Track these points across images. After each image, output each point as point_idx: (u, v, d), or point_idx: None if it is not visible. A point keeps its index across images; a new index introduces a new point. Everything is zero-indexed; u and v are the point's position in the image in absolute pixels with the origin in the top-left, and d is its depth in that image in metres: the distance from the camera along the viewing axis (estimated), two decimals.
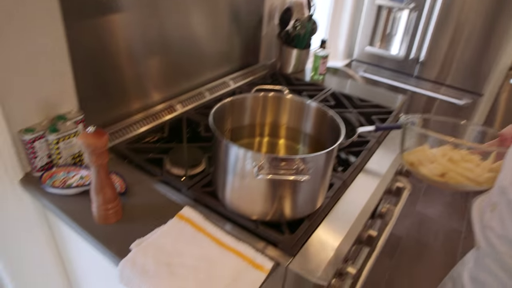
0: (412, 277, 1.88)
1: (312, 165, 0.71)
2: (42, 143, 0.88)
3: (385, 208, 1.04)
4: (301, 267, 0.72)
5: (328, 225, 0.83)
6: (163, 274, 0.67)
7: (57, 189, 0.85)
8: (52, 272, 1.12)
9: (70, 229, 0.85)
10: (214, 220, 0.81)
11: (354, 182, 0.99)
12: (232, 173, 0.75)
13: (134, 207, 0.85)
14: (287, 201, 0.75)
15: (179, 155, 1.00)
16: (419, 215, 2.30)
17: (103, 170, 0.74)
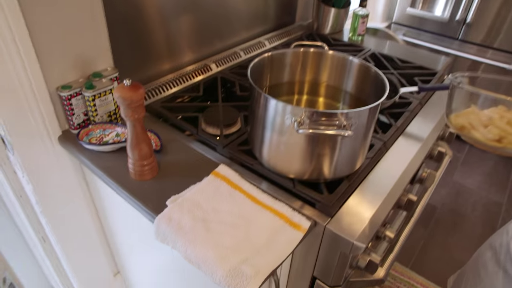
0: (446, 247, 1.84)
1: (355, 121, 0.67)
2: (78, 100, 0.88)
3: (426, 173, 0.99)
4: (339, 228, 0.70)
5: (367, 187, 0.80)
6: (199, 230, 0.67)
7: (94, 145, 0.86)
8: (90, 229, 1.16)
9: (106, 186, 0.86)
10: (250, 179, 0.80)
11: (394, 145, 0.94)
12: (270, 129, 0.72)
13: (169, 165, 0.84)
14: (326, 159, 0.72)
15: (214, 114, 0.98)
16: (456, 185, 2.22)
17: (139, 124, 0.73)
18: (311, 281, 0.83)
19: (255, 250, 0.64)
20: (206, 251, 0.63)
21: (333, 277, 0.78)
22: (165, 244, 0.69)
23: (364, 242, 0.67)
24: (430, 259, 1.78)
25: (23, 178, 0.93)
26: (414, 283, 1.64)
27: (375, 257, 0.77)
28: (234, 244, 0.65)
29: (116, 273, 1.38)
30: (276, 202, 0.73)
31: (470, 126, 0.77)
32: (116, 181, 0.79)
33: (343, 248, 0.70)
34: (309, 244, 0.77)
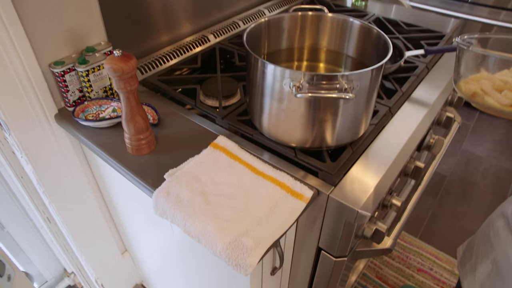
0: (455, 217, 1.81)
1: (357, 84, 0.64)
2: (72, 76, 0.86)
3: (434, 140, 0.96)
4: (343, 197, 0.67)
5: (371, 154, 0.77)
6: (198, 203, 0.65)
7: (90, 122, 0.84)
8: (94, 208, 1.15)
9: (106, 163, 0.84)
10: (250, 150, 0.78)
11: (400, 111, 0.91)
12: (269, 97, 0.69)
13: (167, 138, 0.82)
14: (328, 126, 0.69)
15: (213, 86, 0.95)
16: (465, 154, 2.18)
17: (132, 97, 0.71)
18: (317, 252, 0.82)
19: (255, 222, 0.62)
20: (205, 224, 0.61)
21: (338, 248, 0.76)
22: (164, 218, 0.67)
23: (369, 211, 0.65)
24: (439, 228, 1.76)
25: (22, 159, 0.92)
26: (423, 253, 1.63)
27: (381, 226, 0.75)
28: (233, 216, 0.63)
29: (124, 251, 1.38)
30: (277, 172, 0.71)
31: (482, 92, 0.73)
32: (113, 157, 0.78)
33: (347, 217, 0.67)
34: (313, 215, 0.75)
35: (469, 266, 1.01)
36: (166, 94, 0.97)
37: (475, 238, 1.03)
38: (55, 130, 0.92)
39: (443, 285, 1.51)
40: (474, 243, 1.01)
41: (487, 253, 0.92)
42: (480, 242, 0.97)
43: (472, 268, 0.98)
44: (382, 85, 1.04)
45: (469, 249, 1.04)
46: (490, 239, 0.92)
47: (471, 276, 0.98)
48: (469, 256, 1.02)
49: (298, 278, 0.95)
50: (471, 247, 1.03)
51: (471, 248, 1.02)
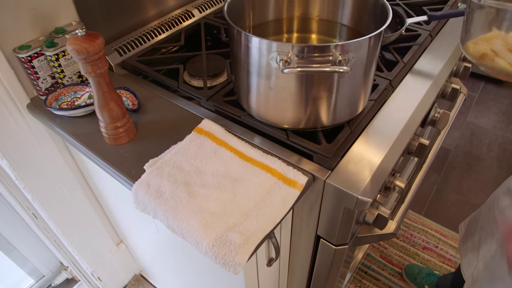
0: (461, 192, 1.76)
1: (352, 56, 0.56)
2: (42, 62, 0.78)
3: (439, 114, 0.89)
4: (341, 182, 0.61)
5: (372, 132, 0.70)
6: (181, 196, 0.58)
7: (64, 110, 0.77)
8: (82, 200, 1.10)
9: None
10: (239, 133, 0.71)
11: (401, 84, 0.83)
12: (255, 74, 0.62)
13: (148, 125, 0.75)
14: (323, 103, 0.62)
15: (198, 65, 0.88)
16: (470, 126, 2.10)
17: (103, 81, 0.63)
18: (315, 240, 0.76)
19: (244, 214, 0.56)
20: (188, 219, 0.55)
21: (338, 236, 0.70)
22: (146, 213, 0.61)
23: (370, 196, 0.59)
24: (445, 204, 1.71)
25: None
26: (428, 230, 1.58)
27: (384, 211, 0.68)
28: (220, 209, 0.57)
29: (119, 242, 1.34)
30: (268, 157, 0.64)
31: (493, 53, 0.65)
32: (89, 147, 0.71)
33: (347, 204, 0.61)
34: (310, 201, 0.69)
35: (471, 244, 0.95)
36: (148, 76, 0.89)
37: (479, 215, 0.97)
38: (29, 121, 0.85)
39: (448, 263, 1.47)
40: (478, 220, 0.96)
41: (491, 232, 0.86)
42: (485, 219, 0.92)
43: (474, 246, 0.93)
44: (381, 57, 0.96)
45: (472, 226, 0.98)
46: (495, 217, 0.87)
47: (472, 254, 0.93)
48: (472, 233, 0.97)
49: (297, 268, 0.90)
50: (474, 224, 0.97)
51: (474, 226, 0.97)
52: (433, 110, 0.86)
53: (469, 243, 0.98)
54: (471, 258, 0.93)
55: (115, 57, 0.90)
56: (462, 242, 1.01)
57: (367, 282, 1.42)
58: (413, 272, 1.39)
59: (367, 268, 1.46)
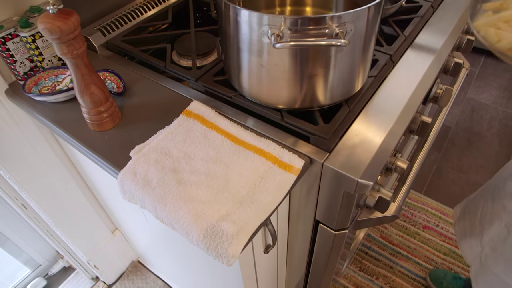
0: (461, 169, 1.73)
1: (350, 28, 0.52)
2: (17, 44, 0.73)
3: (441, 90, 0.84)
4: (340, 165, 0.57)
5: (372, 111, 0.66)
6: (169, 184, 0.55)
7: (44, 96, 0.72)
8: (73, 188, 1.06)
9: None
10: (231, 115, 0.67)
11: (402, 59, 0.79)
12: (246, 51, 0.57)
13: (134, 109, 0.71)
14: (319, 81, 0.58)
15: (186, 44, 0.83)
16: (470, 102, 2.06)
17: (82, 63, 0.59)
18: (314, 225, 0.73)
19: (237, 202, 0.52)
20: (178, 209, 0.52)
21: (338, 220, 0.67)
22: (133, 203, 0.58)
23: (371, 179, 0.55)
24: (445, 182, 1.68)
25: None
26: (428, 209, 1.56)
27: (385, 193, 0.65)
28: (211, 197, 0.53)
29: (114, 230, 1.31)
30: (261, 140, 0.60)
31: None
32: (71, 134, 0.67)
33: (346, 188, 0.58)
34: (307, 185, 0.66)
35: (470, 227, 0.92)
36: (134, 57, 0.84)
37: (479, 198, 0.93)
38: (9, 108, 0.80)
39: (449, 241, 1.45)
40: (478, 204, 0.92)
41: (498, 217, 0.82)
42: (487, 203, 0.88)
43: (475, 230, 0.89)
44: (381, 30, 0.91)
45: (471, 209, 0.94)
46: (502, 202, 0.83)
47: (474, 239, 0.89)
48: (471, 216, 0.93)
49: (296, 254, 0.87)
50: (473, 207, 0.94)
51: (474, 209, 0.93)
52: (435, 86, 0.82)
53: (467, 226, 0.95)
54: (473, 243, 0.90)
55: (98, 37, 0.85)
56: (457, 224, 0.99)
57: (367, 262, 1.40)
58: (438, 276, 1.33)
59: (367, 249, 1.44)
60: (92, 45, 0.84)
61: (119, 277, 1.43)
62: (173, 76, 0.77)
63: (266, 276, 0.85)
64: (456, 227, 0.98)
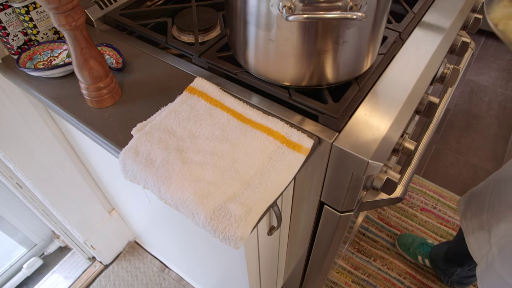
0: (460, 151, 1.73)
1: (366, 1, 0.49)
2: (9, 15, 0.69)
3: (448, 70, 0.82)
4: (350, 145, 0.55)
5: (381, 90, 0.64)
6: (173, 163, 0.53)
7: (40, 71, 0.69)
8: (69, 167, 1.03)
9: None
10: (235, 93, 0.64)
11: (411, 37, 0.76)
12: (254, 25, 0.55)
13: (135, 85, 0.68)
14: (329, 57, 0.55)
15: (188, 18, 0.79)
16: (469, 84, 2.04)
17: (80, 35, 0.56)
18: (319, 207, 0.72)
19: (244, 183, 0.51)
20: (183, 189, 0.50)
21: (344, 202, 0.66)
22: (135, 183, 0.56)
23: (381, 160, 0.53)
24: (444, 165, 1.68)
25: None
26: (426, 191, 1.56)
27: (393, 175, 0.64)
28: (217, 177, 0.51)
29: (111, 210, 1.29)
30: (269, 119, 0.58)
31: None
32: (69, 111, 0.64)
33: (355, 169, 0.56)
34: (313, 165, 0.64)
35: (478, 224, 0.88)
36: (133, 32, 0.81)
37: (485, 192, 0.90)
38: (2, 84, 0.77)
39: (447, 224, 1.46)
40: (484, 198, 0.89)
41: (506, 216, 0.79)
42: (493, 199, 0.85)
43: (483, 226, 0.85)
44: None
45: (477, 204, 0.91)
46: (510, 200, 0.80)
47: (482, 235, 0.86)
48: (478, 212, 0.89)
49: (298, 235, 0.86)
50: (479, 201, 0.90)
51: (480, 203, 0.89)
52: (442, 65, 0.80)
53: (474, 221, 0.91)
54: (481, 240, 0.87)
55: (95, 10, 0.81)
56: (463, 218, 0.96)
57: (365, 244, 1.41)
58: (406, 242, 1.35)
59: (365, 230, 1.45)
60: (88, 19, 0.80)
61: (116, 257, 1.42)
62: (174, 52, 0.74)
63: (267, 258, 0.85)
64: (463, 223, 0.95)
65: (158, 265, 1.39)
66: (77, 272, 1.40)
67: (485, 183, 0.94)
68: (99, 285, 1.35)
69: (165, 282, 1.34)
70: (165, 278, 1.35)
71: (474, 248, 0.88)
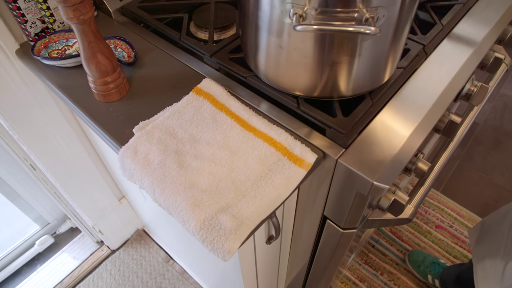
0: (485, 169, 1.65)
1: (382, 14, 0.46)
2: (28, 3, 0.69)
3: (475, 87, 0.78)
4: (356, 163, 0.53)
5: (397, 106, 0.61)
6: (170, 166, 0.51)
7: (52, 60, 0.69)
8: (81, 153, 1.05)
9: None
10: (244, 97, 0.62)
11: (437, 50, 0.72)
12: (265, 30, 0.52)
13: (143, 81, 0.67)
14: (342, 69, 0.53)
15: (205, 15, 0.78)
16: (503, 99, 1.94)
17: (88, 29, 0.55)
18: (321, 220, 0.69)
19: (239, 194, 0.49)
20: (176, 195, 0.48)
21: (347, 219, 0.63)
22: (132, 182, 0.55)
23: (387, 182, 0.50)
24: (466, 182, 1.61)
25: None
26: (444, 208, 1.50)
27: (401, 196, 0.60)
28: (212, 185, 0.50)
29: (121, 197, 1.31)
30: (273, 128, 0.56)
31: None
32: (75, 102, 0.64)
33: (359, 188, 0.53)
34: (318, 179, 0.62)
35: (490, 263, 0.81)
36: (150, 26, 0.80)
37: (501, 226, 0.83)
38: (19, 69, 0.78)
39: (462, 244, 1.40)
40: (500, 234, 0.81)
41: None
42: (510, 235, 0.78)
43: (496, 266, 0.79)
44: (416, 16, 0.84)
45: (491, 239, 0.83)
46: None
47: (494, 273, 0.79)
48: (491, 247, 0.80)
49: (300, 247, 0.84)
50: (494, 236, 0.83)
51: (495, 239, 0.82)
52: (469, 82, 0.75)
53: (486, 257, 0.84)
54: (491, 280, 0.81)
55: (114, 1, 0.81)
56: (474, 249, 0.90)
57: (373, 256, 1.37)
58: (417, 258, 1.30)
59: (375, 242, 1.41)
60: (107, 9, 0.80)
61: (123, 244, 1.44)
62: (187, 49, 0.73)
63: (266, 265, 0.83)
64: (474, 252, 0.89)
65: (164, 255, 1.39)
66: (85, 254, 1.43)
67: (498, 215, 0.88)
68: (105, 269, 1.37)
69: (168, 273, 1.34)
70: (168, 269, 1.35)
71: (480, 282, 0.83)
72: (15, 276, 1.40)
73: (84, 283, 1.34)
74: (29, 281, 1.38)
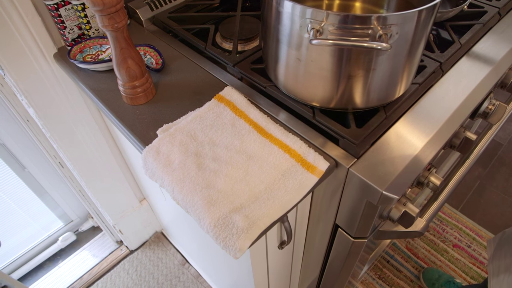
0: (506, 191, 1.62)
1: (396, 31, 0.48)
2: (69, 11, 0.75)
3: (493, 106, 0.78)
4: (367, 173, 0.54)
5: (411, 120, 0.62)
6: (190, 167, 0.55)
7: (86, 64, 0.74)
8: (107, 154, 1.10)
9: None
10: (263, 106, 0.65)
11: (454, 68, 0.73)
12: (285, 43, 0.55)
13: (169, 86, 0.71)
14: (357, 82, 0.55)
15: (231, 26, 0.82)
16: None
17: (121, 36, 0.59)
18: (333, 229, 0.71)
19: (253, 196, 0.51)
20: (193, 194, 0.52)
21: (357, 228, 0.64)
22: (154, 181, 0.58)
23: (397, 193, 0.52)
24: (486, 202, 1.58)
25: (22, 101, 0.86)
26: (462, 227, 1.48)
27: (411, 209, 0.62)
28: (228, 186, 0.53)
29: (142, 199, 1.35)
30: (289, 136, 0.58)
31: None
32: (105, 104, 0.68)
33: (369, 198, 0.55)
34: (332, 187, 0.64)
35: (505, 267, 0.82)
36: (178, 35, 0.84)
37: None
38: (56, 71, 0.84)
39: (479, 265, 1.37)
40: None
41: None
42: None
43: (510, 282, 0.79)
44: (436, 34, 0.85)
45: (509, 247, 0.84)
46: None
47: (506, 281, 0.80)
48: (508, 257, 0.83)
49: (312, 254, 0.85)
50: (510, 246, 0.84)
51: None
52: (487, 101, 0.76)
53: (502, 267, 0.85)
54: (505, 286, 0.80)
55: (145, 11, 0.86)
56: (491, 261, 0.90)
57: (388, 271, 1.36)
58: (432, 276, 1.29)
59: (390, 257, 1.40)
60: (139, 18, 0.85)
61: (142, 245, 1.48)
62: (212, 59, 0.77)
63: (278, 272, 0.85)
64: (489, 264, 0.89)
65: (180, 259, 1.43)
66: (104, 252, 1.48)
67: None
68: (123, 268, 1.42)
69: (184, 276, 1.37)
70: (184, 272, 1.38)
71: None
72: (38, 269, 1.47)
73: (102, 280, 1.39)
74: (51, 276, 1.43)
